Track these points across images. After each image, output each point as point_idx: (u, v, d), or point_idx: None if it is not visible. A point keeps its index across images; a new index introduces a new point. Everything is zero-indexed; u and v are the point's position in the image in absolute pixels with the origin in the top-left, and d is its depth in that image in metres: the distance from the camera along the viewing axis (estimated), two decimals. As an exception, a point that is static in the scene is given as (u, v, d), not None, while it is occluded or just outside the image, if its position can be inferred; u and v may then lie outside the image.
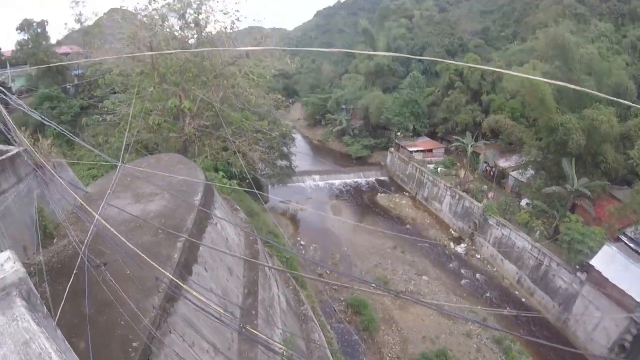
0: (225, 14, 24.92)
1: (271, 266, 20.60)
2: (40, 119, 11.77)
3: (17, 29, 45.18)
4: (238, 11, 25.50)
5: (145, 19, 23.91)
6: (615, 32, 60.27)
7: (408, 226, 48.32)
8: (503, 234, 39.59)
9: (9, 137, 10.93)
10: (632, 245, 30.37)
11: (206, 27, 25.46)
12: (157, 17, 24.00)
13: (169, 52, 21.12)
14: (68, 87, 44.66)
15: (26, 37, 45.30)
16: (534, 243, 35.77)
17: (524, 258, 36.83)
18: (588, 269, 30.07)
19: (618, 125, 35.16)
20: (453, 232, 46.83)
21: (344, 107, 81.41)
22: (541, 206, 37.46)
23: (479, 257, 42.18)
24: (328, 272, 35.56)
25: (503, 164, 49.88)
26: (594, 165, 37.88)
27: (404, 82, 70.10)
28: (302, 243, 42.74)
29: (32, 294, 2.63)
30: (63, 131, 13.20)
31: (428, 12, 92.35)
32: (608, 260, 29.12)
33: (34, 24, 45.36)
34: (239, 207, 24.02)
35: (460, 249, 43.47)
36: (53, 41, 51.74)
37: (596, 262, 29.51)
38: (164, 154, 20.62)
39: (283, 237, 31.93)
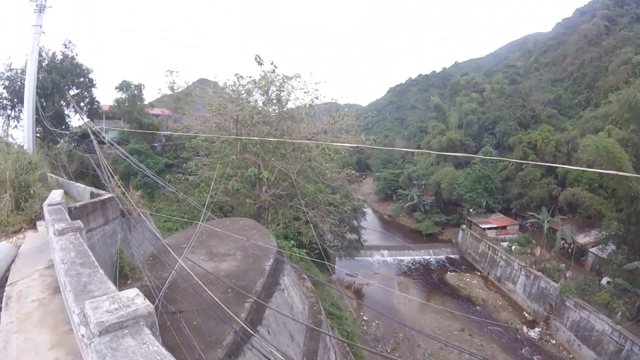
0: (305, 92, 26.65)
1: (332, 335, 20.15)
2: (134, 164, 12.93)
3: (116, 88, 50.47)
4: (317, 90, 27.08)
5: (232, 93, 26.14)
6: None
7: (478, 307, 45.75)
8: (581, 317, 36.40)
9: (104, 181, 12.03)
10: None
11: (287, 103, 27.23)
12: (243, 93, 26.17)
13: (268, 139, 22.58)
14: (156, 144, 48.49)
15: (124, 96, 50.32)
16: (615, 325, 32.85)
17: (603, 342, 33.51)
18: None
19: None
20: (526, 315, 43.79)
21: (415, 182, 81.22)
22: (623, 284, 34.82)
23: (553, 342, 38.87)
24: (388, 350, 34.05)
25: (581, 239, 47.03)
26: None
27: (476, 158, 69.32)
28: (365, 318, 41.52)
29: (154, 327, 3.04)
30: (157, 178, 14.38)
31: (498, 85, 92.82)
32: None
33: (132, 86, 50.59)
34: (305, 276, 24.11)
35: (534, 333, 40.40)
36: (146, 102, 56.82)
37: None
38: (239, 218, 21.53)
39: (346, 310, 31.30)
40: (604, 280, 39.21)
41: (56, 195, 9.81)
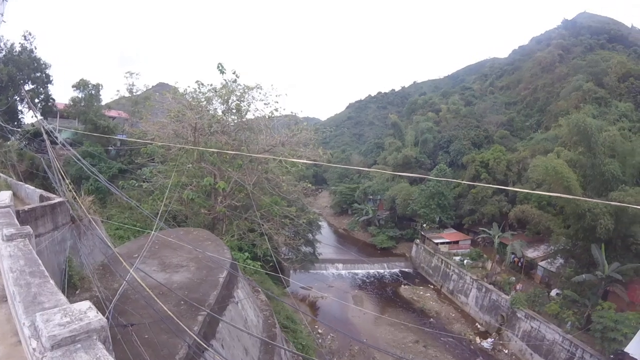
0: (265, 104, 26.59)
1: (287, 349, 20.00)
2: (88, 169, 12.46)
3: (73, 86, 48.53)
4: (277, 102, 26.94)
5: (192, 100, 25.73)
6: (635, 110, 62.14)
7: (431, 319, 46.63)
8: (532, 327, 38.01)
9: (55, 184, 11.52)
10: None
11: (246, 113, 27.05)
12: (203, 100, 25.81)
13: (227, 152, 22.27)
14: (111, 148, 46.89)
15: (80, 95, 48.43)
16: (565, 334, 34.55)
17: (555, 351, 35.06)
18: (622, 357, 28.22)
19: None
20: (479, 326, 45.04)
21: (370, 197, 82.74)
22: (571, 295, 36.51)
23: (506, 352, 40.13)
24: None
25: (531, 254, 49.09)
26: (625, 248, 37.08)
27: (430, 174, 71.25)
28: (320, 331, 41.36)
29: (107, 341, 2.95)
30: (109, 185, 13.90)
31: (454, 106, 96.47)
32: None
33: (90, 85, 48.82)
34: (259, 289, 23.89)
35: (487, 343, 41.50)
36: (103, 103, 55.03)
37: (631, 348, 27.87)
38: (193, 228, 21.12)
39: (301, 324, 31.14)
40: (554, 292, 41.07)
41: (4, 196, 9.30)
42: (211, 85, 26.47)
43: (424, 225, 66.16)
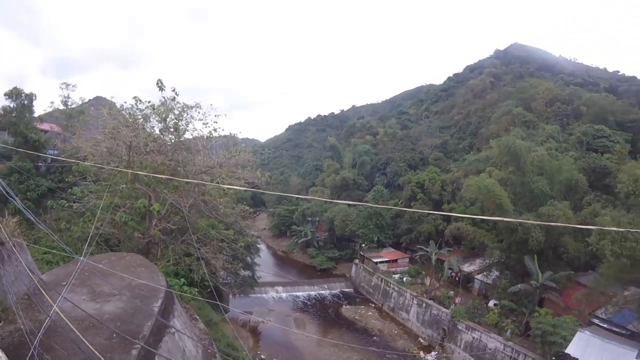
0: (204, 123, 25.69)
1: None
2: (4, 191, 11.18)
3: (5, 94, 44.66)
4: (216, 122, 26.10)
5: (129, 117, 24.35)
6: (561, 132, 67.25)
7: (375, 338, 46.61)
8: (473, 338, 39.10)
9: None
10: (605, 325, 31.25)
11: (184, 133, 26.00)
12: (140, 118, 24.50)
13: (160, 175, 21.14)
14: (41, 164, 43.48)
15: (12, 105, 44.70)
16: (506, 342, 35.83)
17: (497, 358, 36.27)
18: (564, 358, 29.73)
19: (573, 217, 37.45)
20: (422, 341, 45.65)
21: (309, 219, 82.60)
22: (509, 305, 37.95)
23: (450, 364, 40.61)
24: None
25: (467, 268, 50.98)
26: (556, 257, 39.56)
27: (368, 195, 72.54)
28: (262, 357, 40.13)
29: None
30: (26, 210, 12.49)
31: (391, 129, 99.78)
32: (583, 345, 29.21)
33: (23, 94, 45.11)
34: (197, 317, 22.71)
35: (431, 357, 42.16)
36: (36, 114, 51.01)
37: (571, 349, 29.44)
38: (126, 253, 19.78)
39: (242, 351, 29.91)
40: (491, 303, 42.73)
41: None
42: (149, 102, 25.28)
43: (363, 245, 66.89)
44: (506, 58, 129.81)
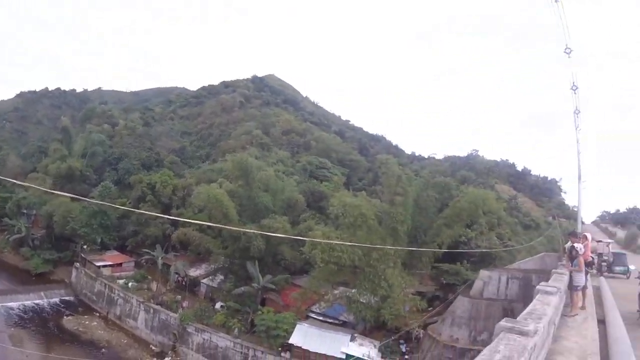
0: None
1: None
2: None
3: None
4: None
5: None
6: (290, 158, 79.06)
7: (104, 350, 43.35)
8: (204, 339, 40.97)
9: None
10: (320, 318, 39.59)
11: None
12: None
13: None
14: None
15: None
16: (235, 339, 38.93)
17: (229, 355, 38.95)
18: (289, 347, 35.78)
19: (291, 230, 44.29)
20: (154, 348, 44.75)
21: (25, 211, 68.74)
22: (234, 305, 41.85)
23: (185, 367, 41.34)
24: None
25: (194, 272, 52.81)
26: (275, 263, 46.43)
27: (95, 191, 66.50)
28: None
29: None
30: None
31: (132, 123, 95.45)
32: (303, 335, 35.90)
33: None
34: None
35: (162, 363, 41.73)
36: None
37: (294, 339, 35.71)
38: None
39: None
40: (218, 305, 45.19)
41: None
42: None
43: (85, 246, 60.67)
44: (261, 84, 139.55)
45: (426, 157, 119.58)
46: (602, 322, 11.57)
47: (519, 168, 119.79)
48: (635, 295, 13.78)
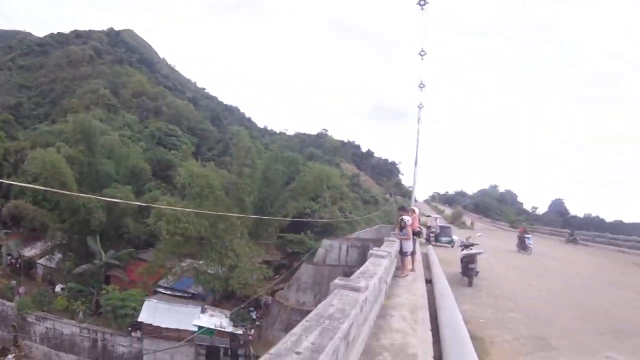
0: None
1: None
2: None
3: None
4: None
5: None
6: (139, 123, 73.22)
7: None
8: (47, 328, 36.58)
9: None
10: (168, 292, 38.00)
11: None
12: None
13: None
14: None
15: None
16: (80, 324, 35.21)
17: (77, 342, 35.38)
18: (140, 326, 33.46)
19: (135, 200, 40.33)
20: (-6, 346, 39.09)
21: None
22: (76, 287, 37.91)
23: (35, 361, 37.14)
24: None
25: (28, 252, 46.72)
26: (118, 237, 43.00)
27: None
28: None
29: None
30: None
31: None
32: (152, 312, 33.70)
33: None
34: None
35: (9, 360, 36.97)
36: None
37: (143, 317, 33.31)
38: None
39: None
40: (58, 288, 40.62)
41: None
42: None
43: None
44: (117, 39, 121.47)
45: (278, 132, 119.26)
46: (429, 282, 13.26)
47: (364, 150, 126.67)
48: (458, 260, 16.29)
